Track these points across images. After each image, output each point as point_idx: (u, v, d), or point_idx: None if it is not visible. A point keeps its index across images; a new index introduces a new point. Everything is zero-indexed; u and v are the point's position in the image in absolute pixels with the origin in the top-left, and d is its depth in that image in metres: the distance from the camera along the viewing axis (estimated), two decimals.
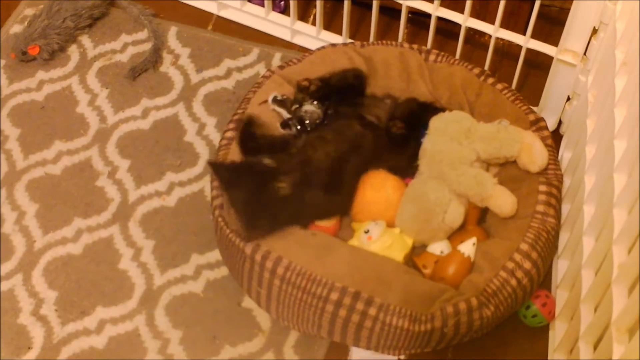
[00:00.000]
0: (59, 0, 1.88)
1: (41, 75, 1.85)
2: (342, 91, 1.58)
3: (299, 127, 1.55)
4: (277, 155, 1.45)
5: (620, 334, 1.11)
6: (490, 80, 1.62)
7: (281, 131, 1.57)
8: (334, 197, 1.48)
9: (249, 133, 1.50)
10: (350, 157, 1.49)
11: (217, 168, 1.46)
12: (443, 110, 1.57)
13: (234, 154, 1.51)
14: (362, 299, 1.36)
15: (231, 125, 1.57)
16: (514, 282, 1.40)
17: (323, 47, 1.70)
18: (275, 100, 1.58)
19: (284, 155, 1.46)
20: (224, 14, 1.96)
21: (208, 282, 1.57)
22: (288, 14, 1.89)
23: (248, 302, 1.53)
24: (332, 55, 1.67)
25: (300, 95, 1.57)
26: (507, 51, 1.88)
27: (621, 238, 1.18)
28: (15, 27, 1.93)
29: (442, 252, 1.49)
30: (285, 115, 1.57)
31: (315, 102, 1.56)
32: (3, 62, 1.87)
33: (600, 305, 1.22)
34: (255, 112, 1.57)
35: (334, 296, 1.36)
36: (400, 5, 1.73)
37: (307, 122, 1.55)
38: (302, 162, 1.45)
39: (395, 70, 1.64)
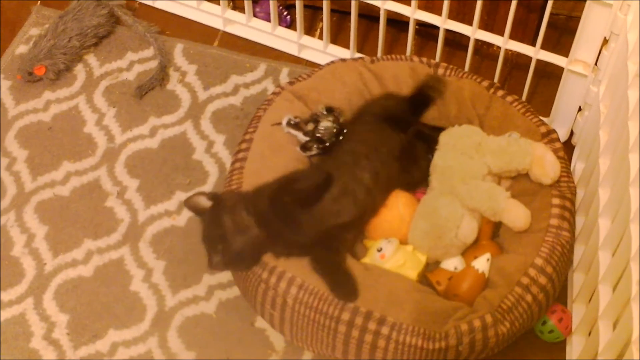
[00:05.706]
0: (64, 19, 1.87)
1: (48, 95, 1.84)
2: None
3: (318, 146, 1.53)
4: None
5: None
6: (500, 92, 1.60)
7: (302, 153, 1.55)
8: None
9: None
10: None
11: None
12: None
13: (248, 178, 1.49)
14: (374, 319, 1.35)
15: (243, 146, 1.55)
16: (529, 297, 1.39)
17: (332, 62, 1.68)
18: (289, 124, 1.55)
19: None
20: (230, 29, 1.95)
21: (220, 302, 1.55)
22: (294, 29, 1.88)
23: (261, 322, 1.52)
24: (341, 70, 1.65)
25: (314, 114, 1.56)
26: (515, 61, 1.86)
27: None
28: (20, 48, 1.92)
29: (455, 268, 1.47)
30: (301, 137, 1.55)
31: (330, 118, 1.55)
32: (9, 83, 1.86)
33: (619, 322, 1.20)
34: (267, 131, 1.56)
35: (346, 316, 1.35)
36: (408, 17, 1.72)
37: (325, 138, 1.53)
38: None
39: (406, 88, 1.61)
